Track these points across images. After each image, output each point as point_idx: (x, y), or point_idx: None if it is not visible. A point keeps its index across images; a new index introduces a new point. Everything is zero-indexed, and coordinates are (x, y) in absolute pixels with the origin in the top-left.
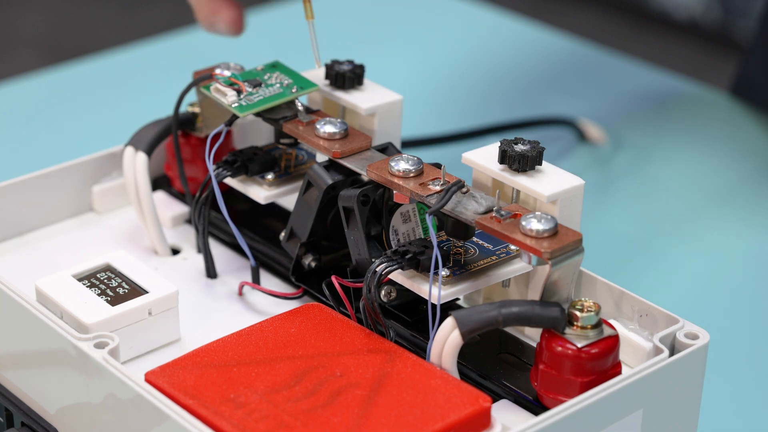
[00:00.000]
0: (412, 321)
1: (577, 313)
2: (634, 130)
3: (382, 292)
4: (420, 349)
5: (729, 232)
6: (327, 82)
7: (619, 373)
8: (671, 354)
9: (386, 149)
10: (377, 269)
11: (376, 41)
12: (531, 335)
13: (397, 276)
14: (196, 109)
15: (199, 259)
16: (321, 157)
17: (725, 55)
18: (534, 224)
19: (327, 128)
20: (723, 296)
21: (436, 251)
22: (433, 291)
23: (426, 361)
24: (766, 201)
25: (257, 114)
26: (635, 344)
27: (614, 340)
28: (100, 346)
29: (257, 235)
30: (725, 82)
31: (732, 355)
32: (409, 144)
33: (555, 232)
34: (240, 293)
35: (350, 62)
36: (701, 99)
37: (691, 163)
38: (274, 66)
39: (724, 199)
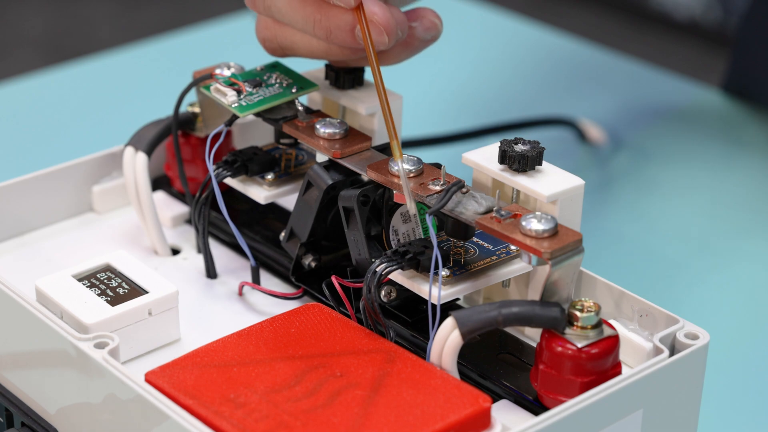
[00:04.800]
0: (412, 321)
1: (577, 313)
2: (634, 130)
3: (382, 292)
4: (420, 349)
5: (729, 231)
6: (327, 82)
7: (619, 373)
8: (671, 354)
9: (386, 149)
10: (377, 269)
11: None
12: (531, 335)
13: (397, 276)
14: (196, 109)
15: (199, 259)
16: (321, 157)
17: (725, 56)
18: (534, 224)
19: (327, 128)
20: (723, 295)
21: (436, 251)
22: (433, 291)
23: (426, 361)
24: (766, 201)
25: (257, 114)
26: (635, 344)
27: (614, 340)
28: (100, 346)
29: (257, 235)
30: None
31: (732, 355)
32: (409, 144)
33: (555, 232)
34: (240, 293)
35: None
36: (701, 99)
37: (690, 163)
38: (274, 66)
39: (723, 198)
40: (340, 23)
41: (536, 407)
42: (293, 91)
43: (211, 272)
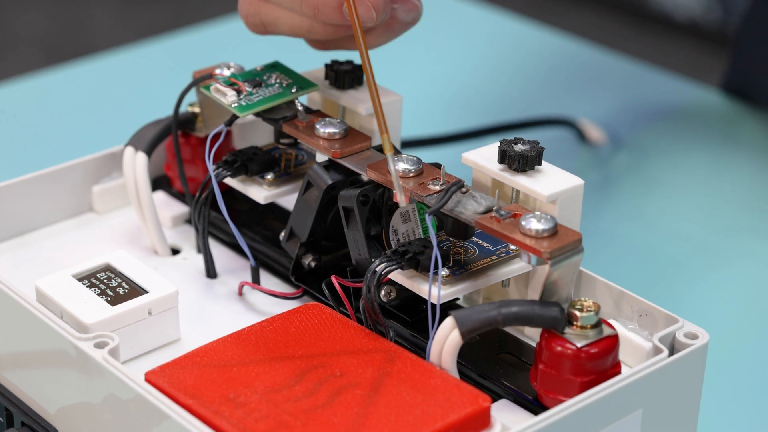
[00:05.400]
0: (411, 321)
1: (577, 313)
2: (634, 130)
3: (382, 292)
4: (420, 348)
5: (729, 230)
6: (327, 82)
7: (618, 372)
8: (671, 354)
9: None
10: (377, 269)
11: None
12: (531, 335)
13: (397, 276)
14: (196, 109)
15: (199, 259)
16: (321, 157)
17: (725, 56)
18: (534, 224)
19: (327, 128)
20: (723, 295)
21: (435, 251)
22: (433, 291)
23: (426, 360)
24: (765, 201)
25: (257, 114)
26: (635, 344)
27: (614, 339)
28: (100, 345)
29: (257, 235)
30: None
31: (731, 354)
32: (409, 144)
33: (554, 231)
34: (240, 293)
35: (350, 62)
36: (701, 99)
37: (690, 163)
38: (274, 66)
39: (723, 197)
40: (327, 0)
41: (536, 407)
42: (293, 91)
43: (211, 272)
